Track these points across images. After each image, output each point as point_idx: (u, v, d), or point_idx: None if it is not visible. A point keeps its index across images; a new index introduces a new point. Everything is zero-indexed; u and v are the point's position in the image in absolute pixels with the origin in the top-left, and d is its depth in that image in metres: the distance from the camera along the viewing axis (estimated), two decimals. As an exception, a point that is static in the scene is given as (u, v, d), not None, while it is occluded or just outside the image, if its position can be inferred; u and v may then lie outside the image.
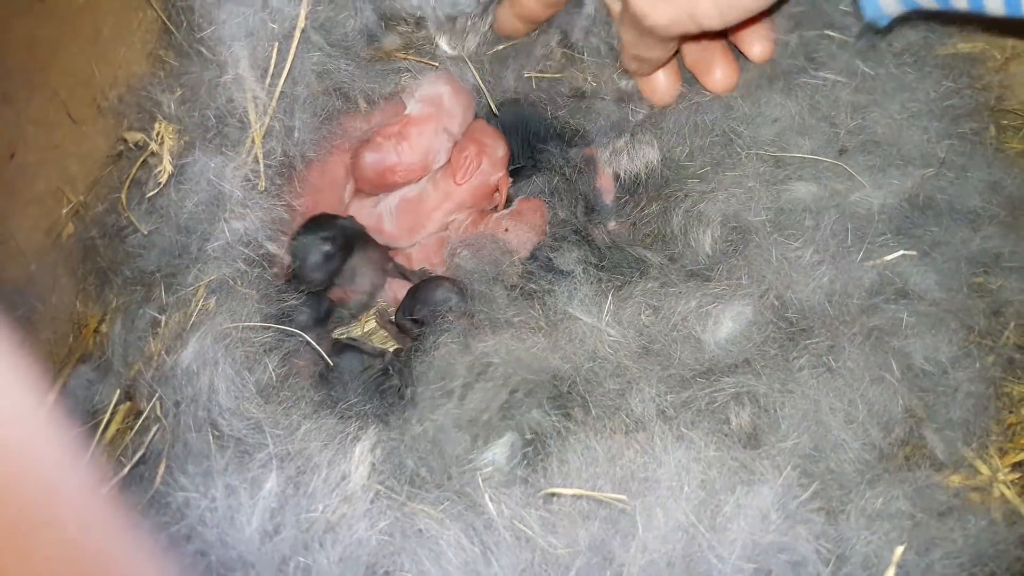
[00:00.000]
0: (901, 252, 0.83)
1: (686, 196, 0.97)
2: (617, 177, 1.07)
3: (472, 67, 1.06)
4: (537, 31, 1.02)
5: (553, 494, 0.74)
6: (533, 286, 0.92)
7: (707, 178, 0.97)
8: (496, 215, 1.13)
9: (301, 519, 0.70)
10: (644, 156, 1.03)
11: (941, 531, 0.71)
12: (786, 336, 0.82)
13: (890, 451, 0.78)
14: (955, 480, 0.77)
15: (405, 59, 1.08)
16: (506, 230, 1.08)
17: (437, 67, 1.10)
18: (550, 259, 0.99)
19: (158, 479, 0.75)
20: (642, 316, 0.84)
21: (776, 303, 0.83)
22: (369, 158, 1.10)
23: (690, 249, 0.95)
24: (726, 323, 0.82)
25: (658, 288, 0.86)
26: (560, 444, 0.78)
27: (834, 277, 0.83)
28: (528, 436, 0.81)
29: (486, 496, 0.74)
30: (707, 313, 0.82)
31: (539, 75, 1.06)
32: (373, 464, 0.75)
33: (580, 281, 0.89)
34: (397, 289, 1.12)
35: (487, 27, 1.03)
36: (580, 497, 0.73)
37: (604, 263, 0.97)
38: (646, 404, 0.79)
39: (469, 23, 1.03)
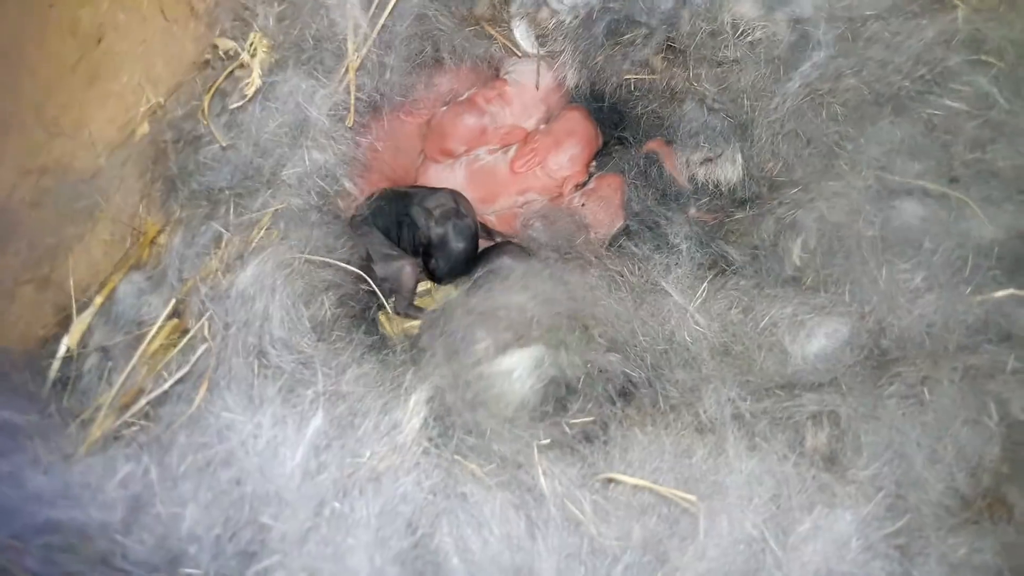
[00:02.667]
0: (1011, 291, 0.73)
1: (780, 204, 0.89)
2: (692, 180, 0.99)
3: (544, 65, 0.99)
4: (644, 30, 0.93)
5: (612, 480, 0.65)
6: (634, 247, 0.82)
7: (806, 187, 0.89)
8: (570, 193, 1.04)
9: (346, 463, 0.61)
10: (723, 173, 0.95)
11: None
12: (878, 362, 0.73)
13: (973, 499, 0.68)
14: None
15: (492, 34, 1.01)
16: (582, 205, 0.99)
17: (519, 56, 1.03)
18: (657, 223, 0.90)
19: (198, 399, 0.67)
20: (732, 312, 0.75)
21: (875, 327, 0.74)
22: (469, 119, 1.03)
23: (776, 255, 0.86)
24: (819, 338, 0.73)
25: (752, 287, 0.78)
26: (624, 430, 0.69)
27: (938, 307, 0.73)
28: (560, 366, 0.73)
29: (539, 469, 0.65)
30: (801, 324, 0.73)
31: (637, 76, 0.98)
32: (426, 418, 0.66)
33: (683, 257, 0.80)
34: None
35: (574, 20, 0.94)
36: (641, 489, 0.64)
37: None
38: (722, 405, 0.70)
39: (555, 19, 0.95)
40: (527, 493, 0.65)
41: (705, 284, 0.77)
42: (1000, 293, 0.73)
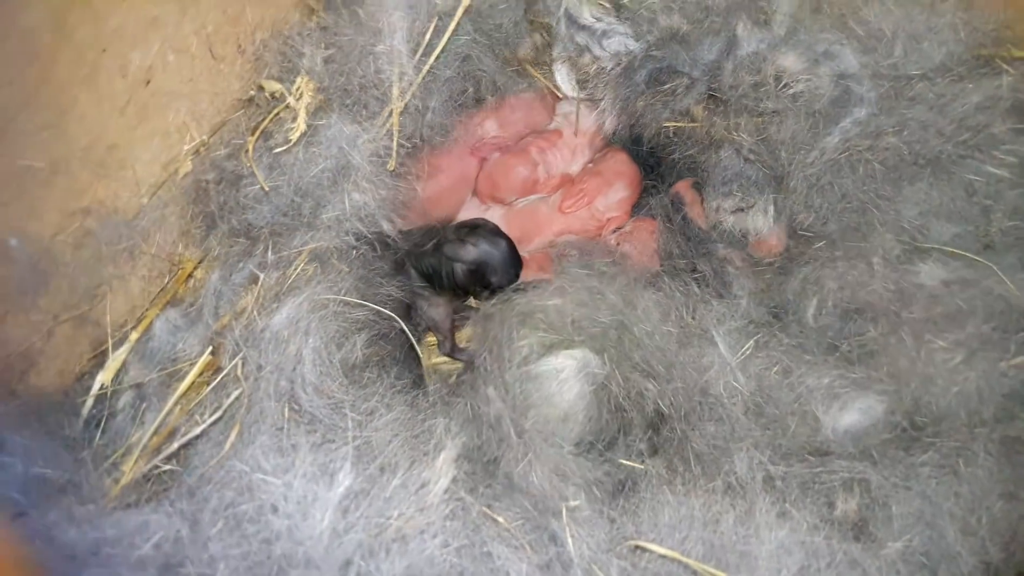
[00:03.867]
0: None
1: (807, 261, 0.86)
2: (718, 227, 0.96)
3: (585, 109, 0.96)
4: (687, 80, 0.91)
5: (640, 547, 0.63)
6: (695, 287, 0.80)
7: (833, 243, 0.86)
8: (608, 234, 1.03)
9: (373, 523, 0.59)
10: (753, 223, 0.92)
11: None
12: (911, 436, 0.71)
13: (1007, 574, 0.66)
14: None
15: (534, 75, 0.99)
16: (617, 245, 0.97)
17: (561, 99, 1.01)
18: (724, 267, 0.87)
19: (228, 444, 0.66)
20: (771, 373, 0.73)
21: (911, 404, 0.71)
22: (522, 170, 1.01)
23: (795, 314, 0.84)
24: (852, 413, 0.70)
25: (794, 347, 0.75)
26: (654, 490, 0.67)
27: (973, 378, 0.71)
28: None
29: (567, 532, 0.64)
30: (836, 396, 0.70)
31: (676, 124, 0.96)
32: (455, 477, 0.64)
33: (738, 310, 0.78)
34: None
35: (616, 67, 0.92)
36: (671, 560, 0.62)
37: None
38: (753, 469, 0.68)
39: (597, 65, 0.93)
40: (554, 554, 0.63)
41: (752, 342, 0.74)
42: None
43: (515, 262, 0.92)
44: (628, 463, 0.70)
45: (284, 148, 0.73)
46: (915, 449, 0.69)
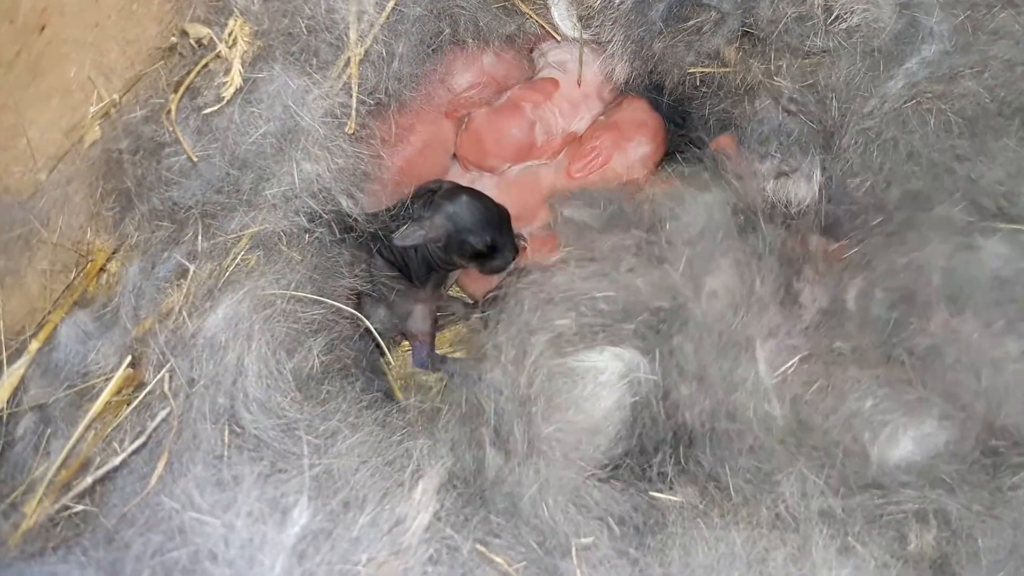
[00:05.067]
0: None
1: (860, 240, 0.86)
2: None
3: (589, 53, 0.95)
4: (715, 15, 0.90)
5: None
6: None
7: (891, 216, 0.86)
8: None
9: (336, 570, 0.59)
10: (796, 190, 0.92)
11: None
12: (991, 457, 0.70)
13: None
14: None
15: (525, 11, 0.98)
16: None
17: (559, 41, 1.00)
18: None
19: (155, 477, 0.65)
20: (809, 393, 0.72)
21: (982, 428, 0.70)
22: (515, 131, 1.00)
23: (837, 307, 0.83)
24: (906, 443, 0.70)
25: (836, 353, 0.75)
26: (685, 525, 0.67)
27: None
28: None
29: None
30: (885, 423, 0.70)
31: (704, 70, 0.94)
32: (438, 511, 0.64)
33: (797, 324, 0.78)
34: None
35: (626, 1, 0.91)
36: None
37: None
38: (808, 499, 0.67)
39: None
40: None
41: (795, 360, 0.74)
42: None
43: (488, 210, 0.92)
44: (662, 496, 0.70)
45: (215, 108, 0.72)
46: (1001, 472, 0.69)
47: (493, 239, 0.92)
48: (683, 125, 1.05)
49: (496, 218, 0.93)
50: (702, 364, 0.73)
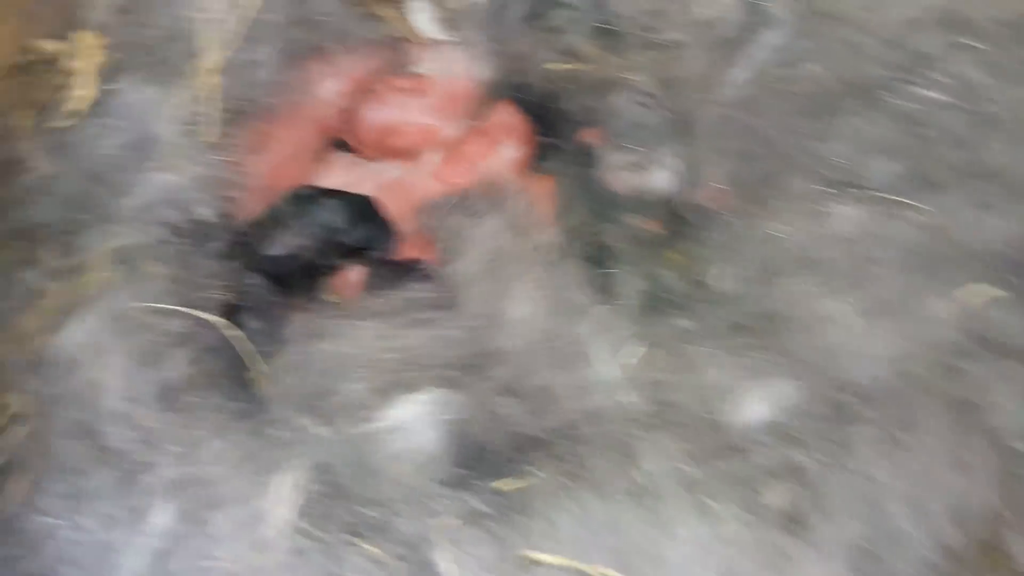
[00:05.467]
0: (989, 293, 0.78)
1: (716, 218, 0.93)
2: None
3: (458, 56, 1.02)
4: (570, 12, 0.97)
5: (533, 561, 0.68)
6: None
7: (745, 196, 0.93)
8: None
9: (196, 567, 0.63)
10: (654, 181, 0.98)
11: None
12: (843, 414, 0.77)
13: (965, 553, 0.73)
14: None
15: (385, 16, 1.04)
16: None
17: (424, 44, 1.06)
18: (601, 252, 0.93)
19: (20, 496, 0.68)
20: (665, 375, 0.79)
21: (830, 382, 0.78)
22: (371, 114, 1.04)
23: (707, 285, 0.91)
24: (759, 405, 0.77)
25: (692, 333, 0.81)
26: (547, 500, 0.72)
27: (897, 335, 0.78)
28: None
29: (437, 553, 0.68)
30: (738, 388, 0.77)
31: (563, 67, 1.01)
32: (302, 505, 0.68)
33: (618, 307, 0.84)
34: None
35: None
36: (567, 570, 0.67)
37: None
38: (660, 464, 0.73)
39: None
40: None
41: (643, 350, 0.80)
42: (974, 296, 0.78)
43: (352, 206, 0.97)
44: (504, 486, 0.75)
45: (69, 123, 0.75)
46: (849, 425, 0.76)
47: (365, 233, 0.96)
48: (549, 121, 1.10)
49: (361, 211, 0.97)
50: (540, 384, 0.79)
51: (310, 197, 1.00)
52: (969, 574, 0.72)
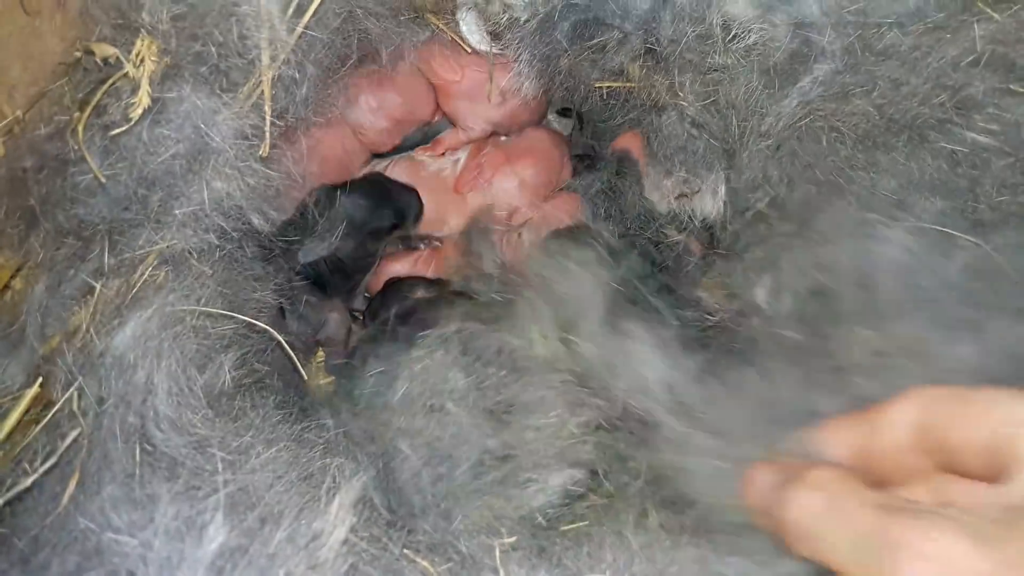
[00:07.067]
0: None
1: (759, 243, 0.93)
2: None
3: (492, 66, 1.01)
4: (618, 34, 0.96)
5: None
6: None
7: (792, 221, 0.93)
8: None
9: (253, 577, 0.63)
10: (701, 205, 0.99)
11: None
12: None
13: None
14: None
15: (435, 24, 1.03)
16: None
17: (469, 52, 1.06)
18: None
19: (67, 497, 0.68)
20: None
21: None
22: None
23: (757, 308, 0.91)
24: None
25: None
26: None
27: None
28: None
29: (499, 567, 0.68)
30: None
31: (610, 85, 1.01)
32: (354, 526, 0.68)
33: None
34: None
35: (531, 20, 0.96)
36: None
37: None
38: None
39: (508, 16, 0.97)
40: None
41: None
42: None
43: (370, 191, 0.99)
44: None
45: (123, 128, 0.74)
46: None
47: (391, 209, 0.97)
48: (593, 143, 1.10)
49: (379, 191, 0.98)
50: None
51: (329, 195, 1.00)
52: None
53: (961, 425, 0.52)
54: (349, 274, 1.01)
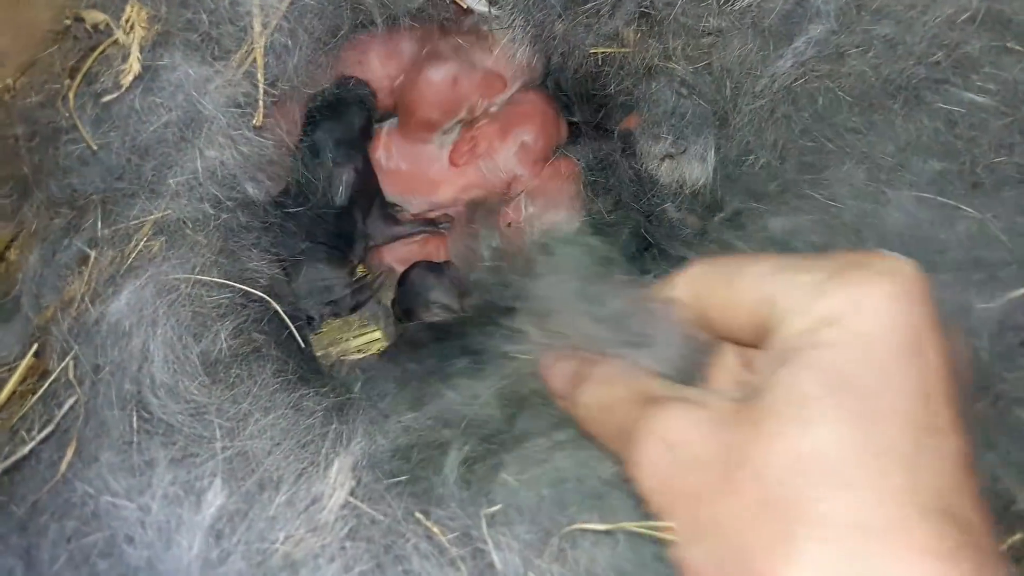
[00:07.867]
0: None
1: (750, 215, 0.92)
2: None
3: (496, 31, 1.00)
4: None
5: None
6: None
7: (787, 186, 0.92)
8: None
9: (254, 548, 0.62)
10: (689, 171, 0.97)
11: None
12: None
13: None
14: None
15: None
16: (509, 224, 1.01)
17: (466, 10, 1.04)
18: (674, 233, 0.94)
19: (65, 464, 0.67)
20: None
21: None
22: (435, 73, 1.03)
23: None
24: None
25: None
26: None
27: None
28: None
29: (487, 538, 0.67)
30: None
31: (604, 50, 0.99)
32: (353, 489, 0.67)
33: None
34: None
35: None
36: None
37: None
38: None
39: None
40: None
41: None
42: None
43: (328, 104, 1.00)
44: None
45: (114, 95, 0.73)
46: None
47: (356, 106, 0.98)
48: (588, 109, 1.08)
49: (333, 102, 1.01)
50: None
51: (311, 148, 0.99)
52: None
53: (724, 295, 0.55)
54: (371, 193, 1.00)
